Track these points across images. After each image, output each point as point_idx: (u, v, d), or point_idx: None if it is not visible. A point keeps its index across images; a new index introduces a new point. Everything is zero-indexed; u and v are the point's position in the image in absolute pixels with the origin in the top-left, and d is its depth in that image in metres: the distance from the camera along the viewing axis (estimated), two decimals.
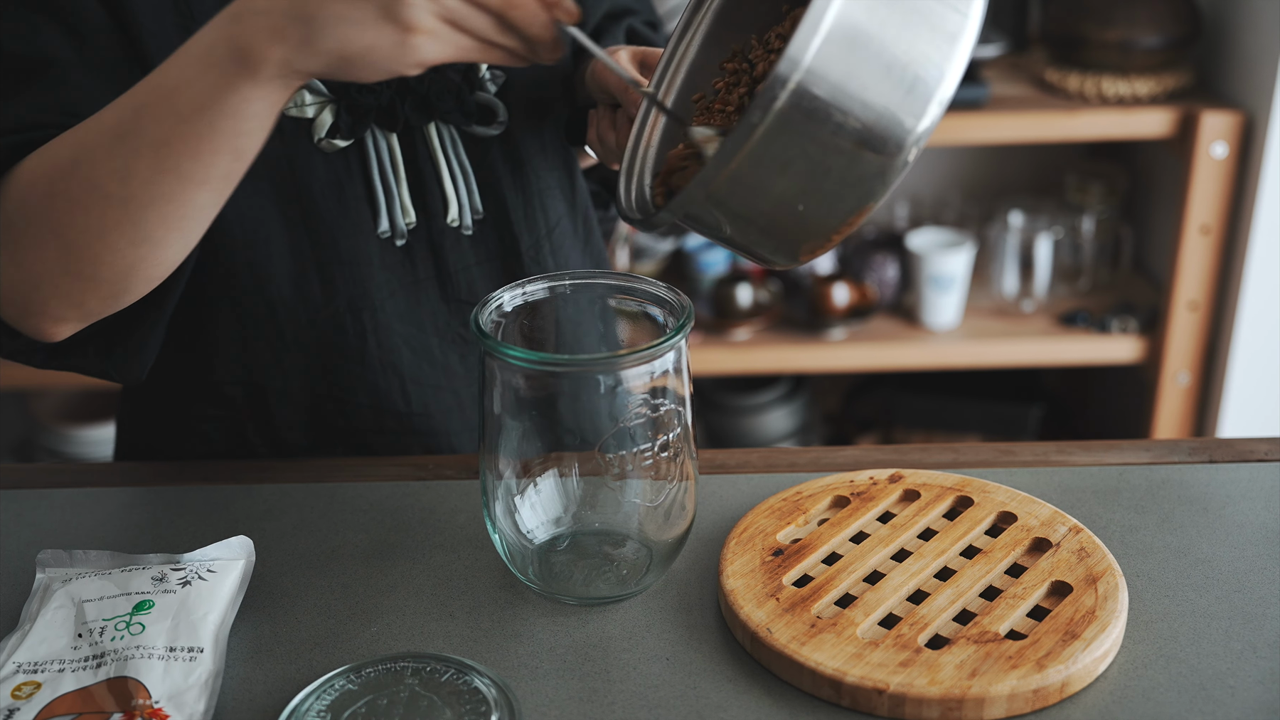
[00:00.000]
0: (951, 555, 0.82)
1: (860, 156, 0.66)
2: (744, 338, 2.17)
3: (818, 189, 0.68)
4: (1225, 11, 2.03)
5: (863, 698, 0.71)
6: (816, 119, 0.65)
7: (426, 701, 0.71)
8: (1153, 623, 0.77)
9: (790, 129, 0.65)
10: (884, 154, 0.67)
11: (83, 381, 2.14)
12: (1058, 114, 1.98)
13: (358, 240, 0.96)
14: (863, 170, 0.67)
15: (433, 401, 1.02)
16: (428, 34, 0.70)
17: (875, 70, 0.65)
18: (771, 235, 0.72)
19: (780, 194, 0.68)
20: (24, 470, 1.00)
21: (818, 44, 0.63)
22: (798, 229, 0.71)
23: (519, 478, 0.80)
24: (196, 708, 0.70)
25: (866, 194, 0.68)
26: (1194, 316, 2.02)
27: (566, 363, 0.76)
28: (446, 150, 0.97)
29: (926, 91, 0.66)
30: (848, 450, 1.00)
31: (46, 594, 0.78)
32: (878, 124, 0.66)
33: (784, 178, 0.67)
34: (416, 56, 0.71)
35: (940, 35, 0.66)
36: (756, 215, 0.70)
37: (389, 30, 0.70)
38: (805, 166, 0.67)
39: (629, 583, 0.81)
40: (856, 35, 0.64)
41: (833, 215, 0.70)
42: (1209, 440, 0.98)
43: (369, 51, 0.71)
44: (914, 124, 0.66)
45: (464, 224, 0.99)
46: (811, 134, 0.65)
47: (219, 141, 0.74)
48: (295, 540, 0.88)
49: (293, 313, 0.97)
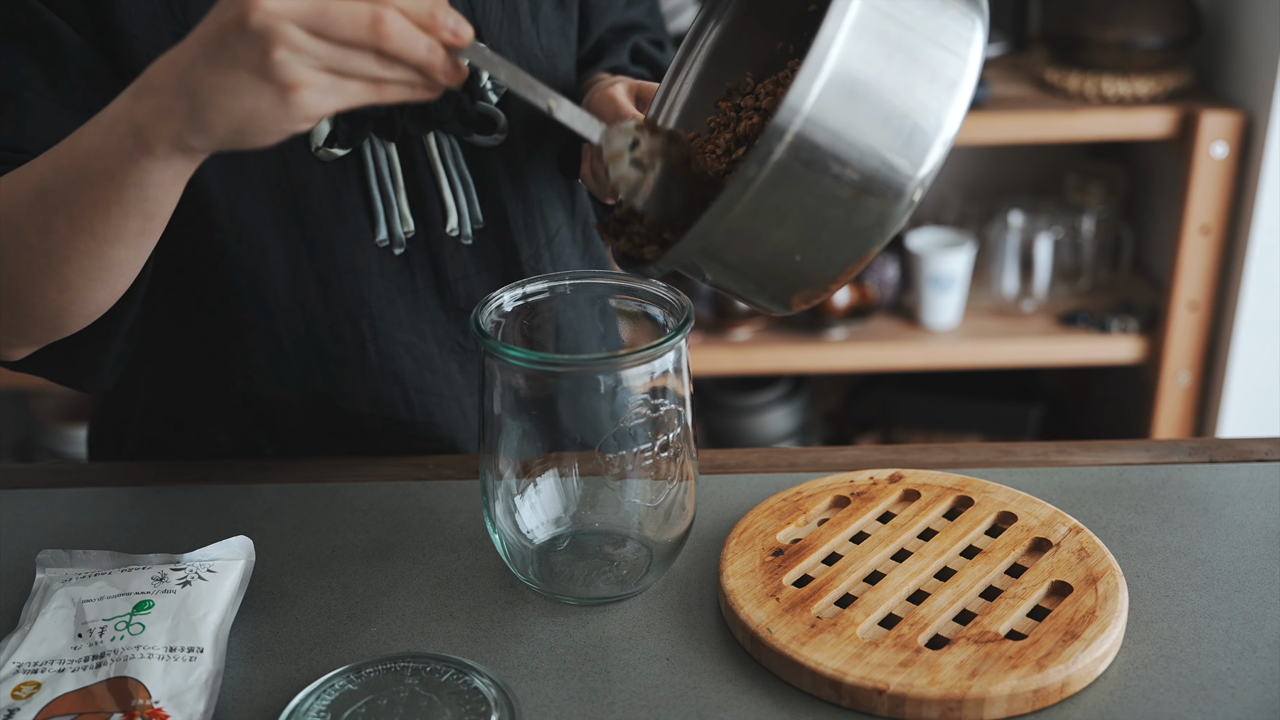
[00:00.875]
0: (951, 555, 0.82)
1: (858, 206, 0.66)
2: (744, 338, 2.17)
3: (815, 239, 0.67)
4: (1225, 11, 2.03)
5: (863, 698, 0.71)
6: (815, 169, 0.64)
7: (426, 701, 0.71)
8: (1153, 623, 0.77)
9: (788, 180, 0.64)
10: (883, 202, 0.66)
11: None
12: (1058, 114, 1.98)
13: (355, 249, 0.96)
14: (861, 220, 0.67)
15: (436, 410, 1.01)
16: (308, 87, 0.67)
17: (874, 120, 0.65)
18: (767, 285, 0.71)
19: (777, 245, 0.68)
20: (24, 470, 1.00)
21: (816, 93, 0.63)
22: (794, 279, 0.70)
23: (519, 478, 0.80)
24: (196, 708, 0.70)
25: (865, 243, 0.68)
26: (1194, 316, 2.02)
27: (566, 363, 0.76)
28: (446, 160, 0.96)
29: (925, 140, 0.66)
30: (848, 450, 1.00)
31: (46, 594, 0.78)
32: (877, 173, 0.65)
33: (781, 229, 0.67)
34: (303, 113, 0.68)
35: (940, 83, 0.66)
36: (752, 266, 0.70)
37: (268, 92, 0.67)
38: (802, 217, 0.66)
39: (629, 583, 0.81)
40: (855, 84, 0.64)
41: (831, 265, 0.69)
42: (1209, 440, 0.98)
43: (254, 117, 0.68)
44: (912, 171, 0.66)
45: (464, 233, 0.98)
46: (810, 184, 0.65)
47: (127, 205, 0.75)
48: (295, 540, 0.88)
49: (291, 321, 0.97)
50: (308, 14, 0.66)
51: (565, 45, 1.03)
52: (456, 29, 0.69)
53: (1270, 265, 1.94)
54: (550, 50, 1.00)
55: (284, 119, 0.68)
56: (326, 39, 0.66)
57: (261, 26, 0.66)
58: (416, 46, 0.68)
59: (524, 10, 0.98)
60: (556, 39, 1.01)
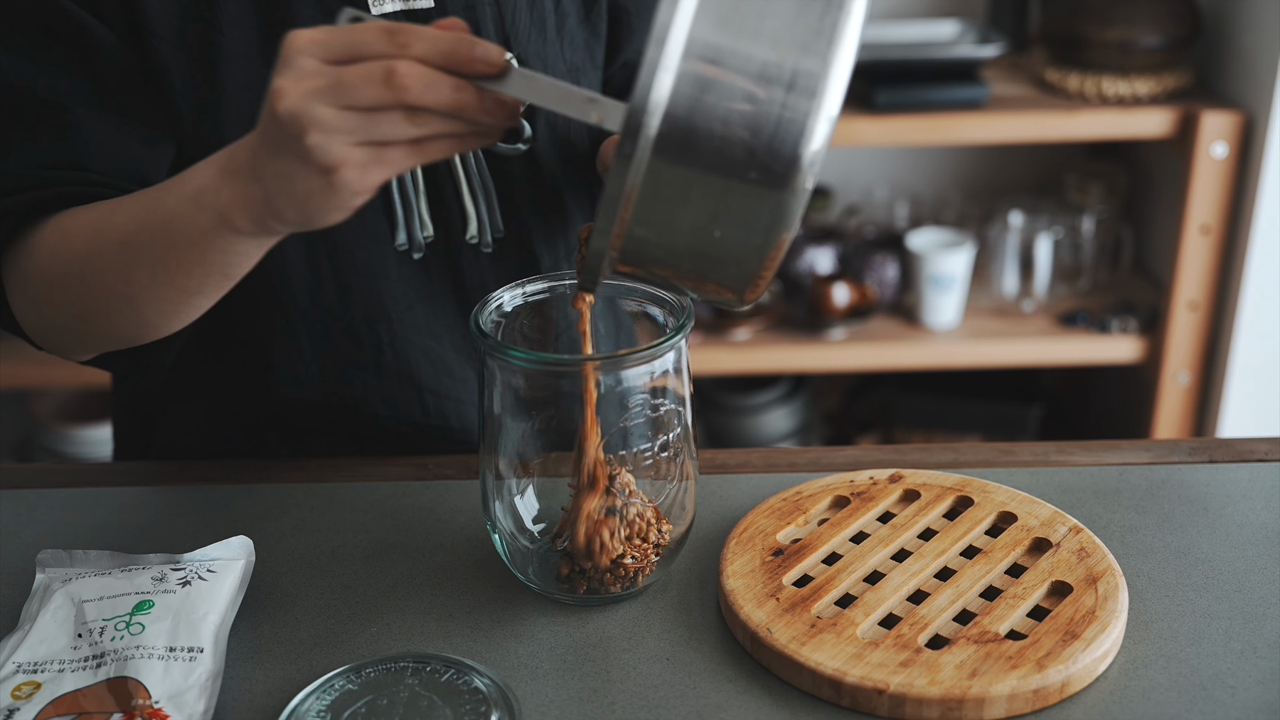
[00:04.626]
0: (951, 555, 0.82)
1: (753, 161, 0.61)
2: (744, 338, 2.17)
3: (726, 208, 0.63)
4: (1225, 11, 2.03)
5: (863, 698, 0.71)
6: (693, 140, 0.61)
7: (426, 701, 0.71)
8: (1153, 623, 0.77)
9: (670, 158, 0.61)
10: (780, 149, 0.61)
11: (82, 381, 2.14)
12: (1058, 114, 1.98)
13: (375, 252, 0.95)
14: (763, 176, 0.62)
15: (452, 414, 1.01)
16: (347, 165, 0.65)
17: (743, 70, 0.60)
18: (706, 272, 0.67)
19: (692, 224, 0.64)
20: (24, 470, 1.00)
21: (668, 79, 0.59)
22: (725, 257, 0.66)
23: (519, 478, 0.80)
24: (196, 708, 0.70)
25: (778, 204, 0.63)
26: (1194, 316, 2.02)
27: (567, 363, 0.76)
28: (469, 167, 0.96)
29: (810, 74, 0.60)
30: (848, 450, 1.00)
31: (46, 594, 0.78)
32: (764, 120, 0.61)
33: (687, 207, 0.63)
34: (350, 190, 0.66)
35: None
36: (679, 255, 0.66)
37: (313, 176, 0.66)
38: (703, 188, 0.62)
39: (629, 583, 0.81)
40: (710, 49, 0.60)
41: (753, 232, 0.64)
42: (1209, 440, 0.98)
43: (308, 200, 0.67)
44: (806, 107, 0.60)
45: (484, 241, 0.97)
46: (694, 152, 0.61)
47: (210, 268, 0.77)
48: (295, 540, 0.88)
49: (309, 322, 0.96)
50: (326, 88, 0.64)
51: (590, 63, 1.02)
52: (484, 56, 0.64)
53: (1270, 265, 1.94)
54: (574, 65, 1.00)
55: (335, 199, 0.67)
56: (351, 109, 0.64)
57: (288, 113, 0.65)
58: (440, 90, 0.64)
59: (550, 23, 0.97)
60: (581, 54, 1.01)
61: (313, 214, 0.69)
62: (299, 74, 0.65)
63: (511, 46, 0.94)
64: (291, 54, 0.65)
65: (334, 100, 0.64)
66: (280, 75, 0.66)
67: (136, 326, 0.83)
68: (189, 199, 0.74)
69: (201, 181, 0.74)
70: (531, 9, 0.96)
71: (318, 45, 0.65)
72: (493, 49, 0.64)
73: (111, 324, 0.83)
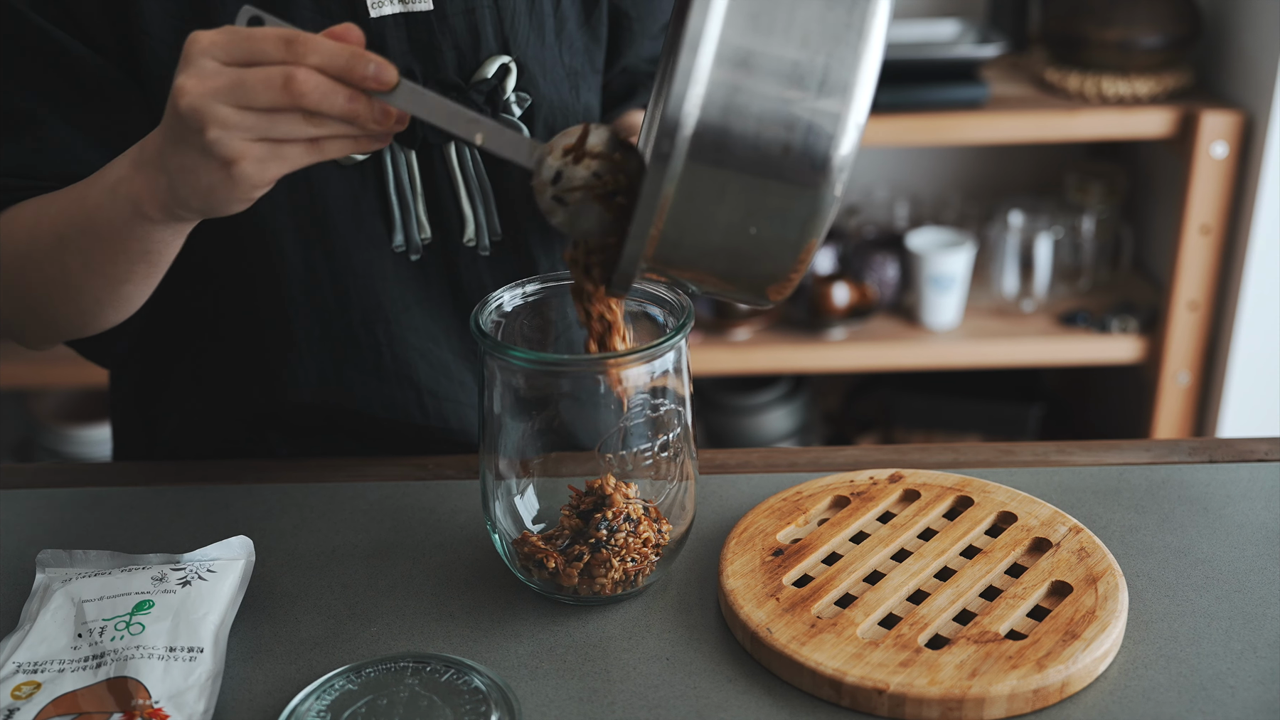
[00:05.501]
0: (951, 555, 0.82)
1: (788, 158, 0.63)
2: (744, 338, 2.17)
3: (763, 204, 0.64)
4: (1225, 11, 2.03)
5: (863, 698, 0.71)
6: (730, 141, 0.62)
7: (426, 701, 0.71)
8: (1153, 623, 0.77)
9: (709, 159, 0.62)
10: (817, 144, 0.62)
11: (82, 381, 2.14)
12: (1058, 114, 1.98)
13: (372, 254, 0.95)
14: (799, 171, 0.63)
15: (451, 415, 1.01)
16: (246, 159, 0.70)
17: (776, 71, 0.62)
18: (738, 271, 0.68)
19: (728, 222, 0.65)
20: (24, 470, 1.00)
21: (701, 82, 0.61)
22: (759, 254, 0.67)
23: (519, 478, 0.80)
24: (196, 708, 0.70)
25: (815, 196, 0.64)
26: (1194, 316, 2.02)
27: (566, 363, 0.76)
28: (466, 170, 0.96)
29: (841, 69, 0.62)
30: (848, 450, 1.00)
31: (46, 594, 0.78)
32: (799, 119, 0.62)
33: (723, 205, 0.64)
34: (249, 183, 0.71)
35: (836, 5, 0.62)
36: (712, 255, 0.67)
37: (215, 169, 0.71)
38: (740, 184, 0.63)
39: (629, 583, 0.81)
40: (741, 50, 0.61)
41: (790, 225, 0.65)
42: (1209, 440, 0.98)
43: (212, 191, 0.73)
44: (839, 108, 0.62)
45: (481, 244, 0.98)
46: (731, 150, 0.62)
47: (132, 256, 0.82)
48: (295, 540, 0.88)
49: (306, 323, 0.96)
50: (225, 88, 0.69)
51: (589, 67, 1.02)
52: (377, 74, 0.69)
53: (1270, 265, 1.94)
54: (573, 69, 1.00)
55: (234, 190, 0.72)
56: (250, 109, 0.69)
57: (189, 109, 0.69)
58: (334, 99, 0.68)
59: (549, 27, 0.97)
60: (580, 58, 1.01)
61: (216, 204, 0.74)
62: (201, 73, 0.69)
63: (510, 49, 0.95)
64: (194, 54, 0.70)
65: (233, 100, 0.69)
66: (182, 73, 0.70)
67: (79, 316, 0.88)
68: (108, 190, 0.79)
69: (118, 173, 0.78)
70: (530, 12, 0.96)
71: (218, 47, 0.69)
72: (387, 69, 0.69)
73: (55, 314, 0.89)
